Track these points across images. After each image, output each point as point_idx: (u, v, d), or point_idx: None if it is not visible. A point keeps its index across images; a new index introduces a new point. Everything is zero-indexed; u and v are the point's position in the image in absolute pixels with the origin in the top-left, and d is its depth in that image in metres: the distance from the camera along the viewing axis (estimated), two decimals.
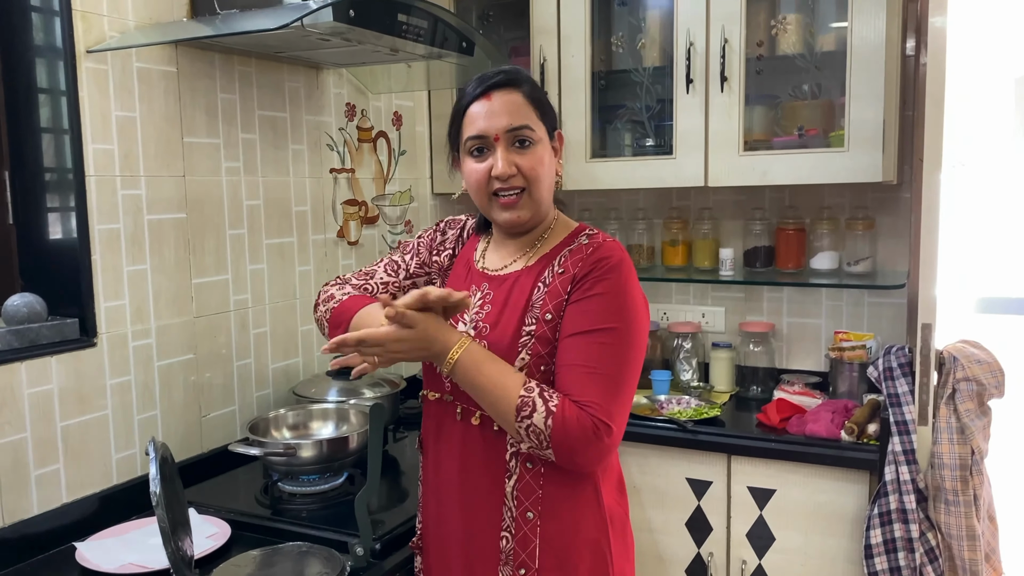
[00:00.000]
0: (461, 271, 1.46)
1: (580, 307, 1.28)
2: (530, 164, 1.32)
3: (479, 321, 1.36)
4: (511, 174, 1.31)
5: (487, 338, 1.33)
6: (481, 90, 1.33)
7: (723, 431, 2.16)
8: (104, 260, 1.71)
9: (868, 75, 2.11)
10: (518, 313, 1.32)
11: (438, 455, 1.40)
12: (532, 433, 1.23)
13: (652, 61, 2.47)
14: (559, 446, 1.22)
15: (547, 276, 1.34)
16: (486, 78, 1.35)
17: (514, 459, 1.31)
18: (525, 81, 1.36)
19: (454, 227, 1.55)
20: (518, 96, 1.33)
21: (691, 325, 2.59)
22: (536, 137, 1.33)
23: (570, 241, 1.38)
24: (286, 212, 2.19)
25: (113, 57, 1.71)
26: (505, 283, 1.38)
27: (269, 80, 2.12)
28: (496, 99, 1.32)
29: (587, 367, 1.25)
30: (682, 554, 2.19)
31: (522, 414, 1.22)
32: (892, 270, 2.41)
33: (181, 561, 1.33)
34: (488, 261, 1.44)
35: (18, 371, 1.55)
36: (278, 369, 2.18)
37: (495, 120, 1.31)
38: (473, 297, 1.39)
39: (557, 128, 1.41)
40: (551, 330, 1.30)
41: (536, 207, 1.36)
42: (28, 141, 1.70)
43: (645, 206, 2.72)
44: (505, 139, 1.32)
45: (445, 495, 1.39)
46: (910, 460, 1.86)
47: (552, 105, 1.41)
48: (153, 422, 1.83)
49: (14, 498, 1.55)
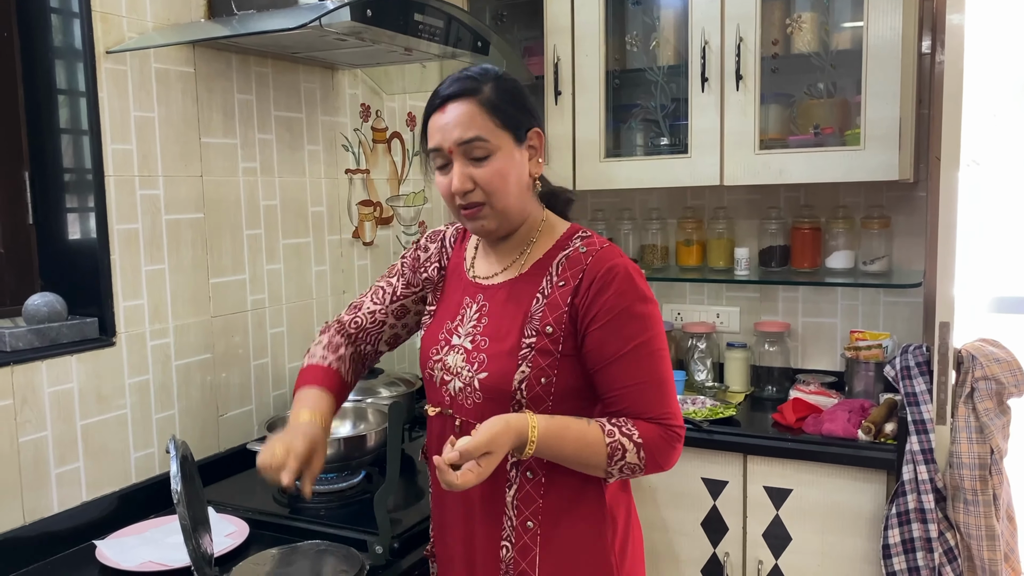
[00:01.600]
0: (455, 283, 1.43)
1: (610, 330, 1.26)
2: (487, 177, 1.27)
3: (476, 334, 1.33)
4: (466, 189, 1.28)
5: (486, 351, 1.31)
6: (438, 101, 1.29)
7: (739, 431, 2.15)
8: (123, 260, 1.72)
9: (884, 73, 2.10)
10: (517, 325, 1.30)
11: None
12: (626, 469, 1.25)
13: (667, 60, 2.47)
14: (650, 467, 1.26)
15: (545, 287, 1.31)
16: (446, 86, 1.30)
17: (514, 469, 1.31)
18: (487, 85, 1.28)
19: (435, 240, 1.51)
20: (472, 106, 1.26)
21: (705, 325, 2.58)
22: (492, 147, 1.27)
23: (563, 245, 1.34)
24: (302, 212, 2.20)
25: (132, 58, 1.72)
26: (500, 293, 1.35)
27: (285, 81, 2.13)
28: (449, 111, 1.27)
29: (644, 382, 1.26)
30: (698, 554, 2.18)
31: (614, 459, 1.24)
32: (908, 269, 2.40)
33: (202, 559, 1.34)
34: (479, 269, 1.41)
35: (39, 370, 1.56)
36: (295, 369, 2.18)
37: (448, 134, 1.27)
38: (468, 309, 1.37)
39: (533, 127, 1.33)
40: (552, 342, 1.27)
41: (501, 217, 1.31)
42: (48, 142, 1.71)
43: (659, 206, 2.72)
44: (459, 152, 1.27)
45: (449, 505, 1.38)
46: (928, 459, 1.85)
47: (526, 103, 1.33)
48: (171, 421, 1.84)
49: (35, 496, 1.56)
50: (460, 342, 1.34)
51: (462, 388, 1.32)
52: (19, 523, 1.53)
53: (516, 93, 1.32)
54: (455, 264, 1.46)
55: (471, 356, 1.32)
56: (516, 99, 1.31)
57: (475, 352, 1.31)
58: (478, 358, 1.31)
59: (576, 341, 1.28)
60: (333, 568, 1.42)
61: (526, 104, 1.33)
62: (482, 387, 1.29)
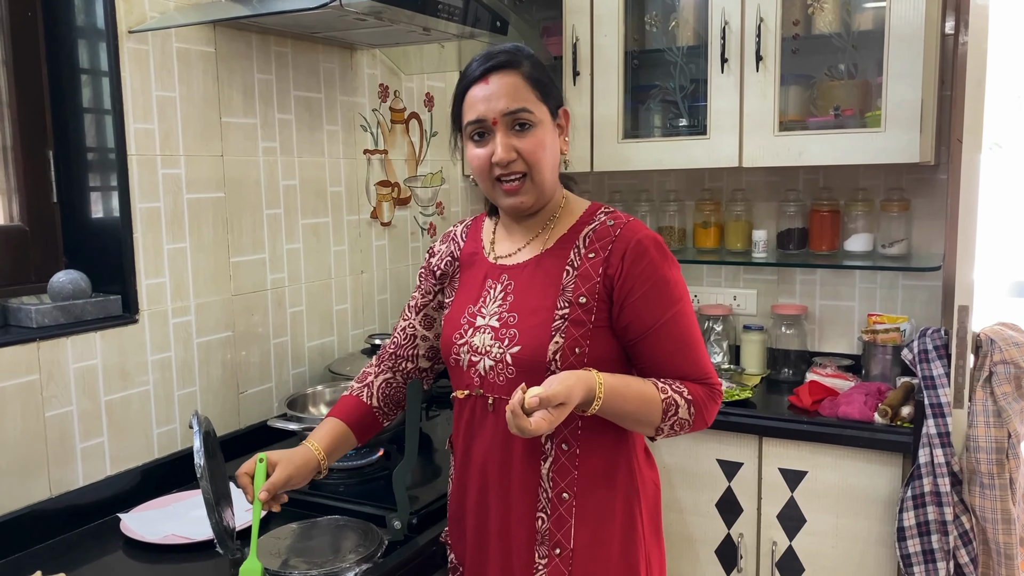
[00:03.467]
0: (473, 269, 1.44)
1: (648, 299, 1.29)
2: (530, 148, 1.30)
3: (502, 312, 1.35)
4: (511, 159, 1.29)
5: (516, 326, 1.32)
6: (480, 72, 1.31)
7: (754, 413, 2.16)
8: (145, 238, 1.74)
9: (906, 54, 2.08)
10: (548, 297, 1.32)
11: (470, 450, 1.40)
12: (676, 425, 1.30)
13: (686, 40, 2.45)
14: (696, 423, 1.32)
15: (574, 259, 1.33)
16: (484, 60, 1.31)
17: (549, 442, 1.32)
18: (525, 60, 1.32)
19: (445, 240, 1.53)
20: (516, 78, 1.30)
21: (722, 308, 2.58)
22: (536, 119, 1.30)
23: (588, 220, 1.37)
24: (321, 192, 2.22)
25: (153, 37, 1.73)
26: (525, 269, 1.37)
27: (304, 61, 2.14)
28: (494, 82, 1.29)
29: (683, 347, 1.32)
30: (712, 535, 2.20)
31: (668, 414, 1.28)
32: (927, 252, 2.39)
33: (224, 532, 1.36)
34: (499, 249, 1.43)
35: (64, 346, 1.59)
36: (314, 347, 2.21)
37: (493, 104, 1.29)
38: (492, 290, 1.39)
39: (562, 105, 1.37)
40: (585, 313, 1.30)
41: (539, 191, 1.34)
42: (71, 121, 1.73)
43: (677, 187, 2.71)
44: (504, 123, 1.29)
45: (480, 485, 1.39)
46: (945, 443, 1.85)
47: (555, 82, 1.38)
48: (192, 398, 1.86)
49: (61, 470, 1.59)
50: (486, 322, 1.36)
51: (493, 366, 1.33)
52: (46, 496, 1.56)
53: (547, 73, 1.37)
54: (470, 252, 1.47)
55: (500, 333, 1.33)
56: (548, 78, 1.36)
57: (504, 329, 1.33)
58: (508, 334, 1.32)
59: (609, 312, 1.31)
60: (352, 542, 1.44)
61: (554, 84, 1.38)
62: (515, 361, 1.31)
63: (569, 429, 1.31)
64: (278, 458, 1.35)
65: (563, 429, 1.31)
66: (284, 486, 1.33)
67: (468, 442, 1.40)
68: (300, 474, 1.36)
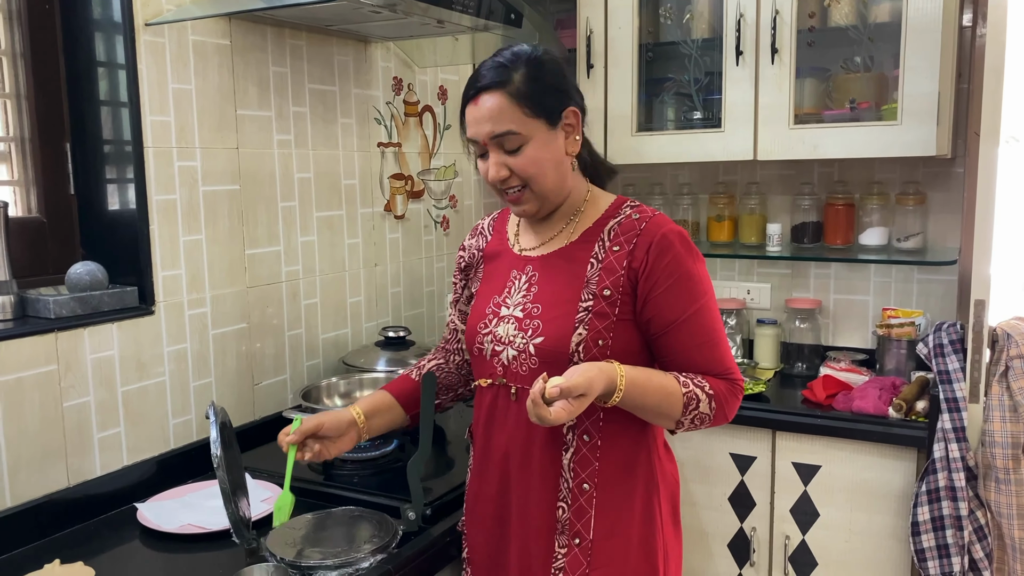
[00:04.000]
0: (498, 261, 1.46)
1: (672, 294, 1.29)
2: (521, 166, 1.30)
3: (526, 303, 1.36)
4: (503, 177, 1.32)
5: (539, 317, 1.33)
6: (471, 92, 1.32)
7: (768, 407, 2.15)
8: (161, 230, 1.75)
9: (923, 47, 2.07)
10: (573, 289, 1.33)
11: (490, 439, 1.41)
12: (697, 419, 1.30)
13: (701, 33, 2.45)
14: (718, 418, 1.32)
15: (599, 252, 1.34)
16: (475, 79, 1.32)
17: (571, 432, 1.33)
18: (518, 72, 1.29)
19: (473, 235, 1.56)
20: (502, 99, 1.28)
21: (736, 302, 2.58)
22: (524, 138, 1.29)
23: (613, 214, 1.37)
24: (335, 185, 2.22)
25: (170, 30, 1.74)
26: (550, 261, 1.38)
27: (319, 53, 2.14)
28: (482, 103, 1.30)
29: (706, 342, 1.32)
30: (725, 528, 2.20)
31: (689, 408, 1.29)
32: (943, 246, 2.38)
33: (241, 522, 1.37)
34: (524, 241, 1.44)
35: (82, 336, 1.60)
36: (328, 339, 2.21)
37: (481, 127, 1.31)
38: (517, 281, 1.40)
39: (568, 107, 1.33)
40: (609, 305, 1.30)
41: (542, 199, 1.35)
42: (88, 113, 1.74)
43: (690, 181, 2.70)
44: (492, 144, 1.31)
45: (500, 474, 1.40)
46: (960, 438, 1.84)
47: (561, 84, 1.33)
48: (208, 389, 1.87)
49: (79, 459, 1.61)
50: (510, 312, 1.37)
51: (516, 356, 1.34)
52: (64, 485, 1.58)
53: (550, 75, 1.32)
54: (495, 244, 1.49)
55: (523, 324, 1.34)
56: (549, 82, 1.32)
57: (527, 319, 1.34)
58: (531, 324, 1.33)
59: (633, 305, 1.31)
60: (367, 533, 1.45)
61: (560, 85, 1.34)
62: (538, 352, 1.32)
63: (591, 420, 1.32)
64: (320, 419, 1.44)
65: (585, 420, 1.32)
66: (313, 431, 1.41)
67: (489, 431, 1.41)
68: (333, 424, 1.44)
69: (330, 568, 1.33)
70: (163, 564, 1.44)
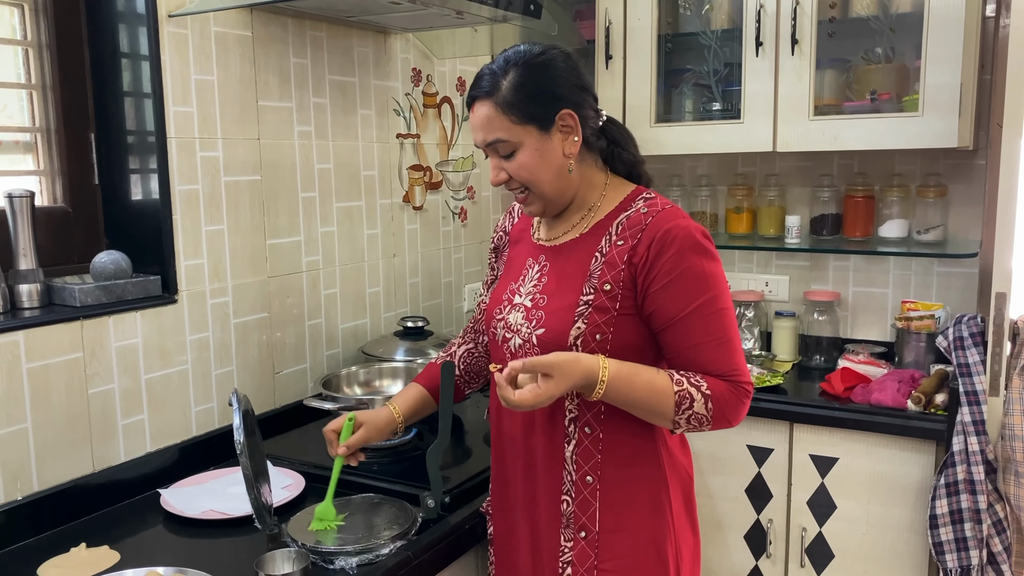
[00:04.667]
0: (520, 246, 1.49)
1: (672, 290, 1.26)
2: (514, 170, 1.33)
3: (536, 293, 1.37)
4: (502, 181, 1.36)
5: (544, 308, 1.34)
6: (468, 101, 1.36)
7: (785, 399, 2.15)
8: (184, 220, 1.77)
9: (946, 37, 2.05)
10: (576, 282, 1.33)
11: (501, 423, 1.44)
12: (693, 420, 1.26)
13: (720, 24, 2.44)
14: (718, 421, 1.28)
15: (604, 246, 1.33)
16: (472, 86, 1.35)
17: (572, 424, 1.34)
18: (505, 79, 1.29)
19: (504, 216, 1.60)
20: (490, 108, 1.30)
21: (754, 294, 2.57)
22: (514, 145, 1.31)
23: (626, 206, 1.36)
24: (355, 176, 2.23)
25: (192, 22, 1.76)
26: (561, 252, 1.39)
27: (339, 45, 2.15)
28: (475, 112, 1.33)
29: (710, 340, 1.27)
30: (741, 520, 2.20)
31: (682, 407, 1.25)
32: (964, 239, 2.36)
33: (263, 508, 1.39)
34: (543, 232, 1.46)
35: (107, 324, 1.62)
36: (347, 329, 2.23)
37: (476, 134, 1.35)
38: (531, 270, 1.41)
39: (561, 109, 1.30)
40: (610, 300, 1.30)
41: (545, 200, 1.36)
42: (112, 104, 1.76)
43: (709, 172, 2.70)
44: (489, 150, 1.35)
45: (510, 461, 1.42)
46: (979, 431, 1.84)
47: (552, 88, 1.30)
48: (229, 378, 1.90)
49: (103, 445, 1.63)
50: (521, 301, 1.39)
51: (522, 344, 1.36)
52: (89, 470, 1.61)
53: (542, 80, 1.30)
54: (520, 229, 1.51)
55: (530, 313, 1.35)
56: (539, 88, 1.30)
57: (534, 310, 1.35)
58: (536, 315, 1.34)
59: (636, 300, 1.30)
60: (387, 520, 1.47)
61: (552, 89, 1.31)
62: (540, 343, 1.33)
63: (592, 413, 1.32)
64: (364, 419, 1.51)
65: (586, 413, 1.32)
66: (362, 444, 1.49)
67: (499, 415, 1.44)
68: (380, 436, 1.53)
69: (350, 554, 1.35)
70: (186, 549, 1.46)
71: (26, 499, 1.50)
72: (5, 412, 1.47)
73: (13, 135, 1.70)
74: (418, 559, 1.40)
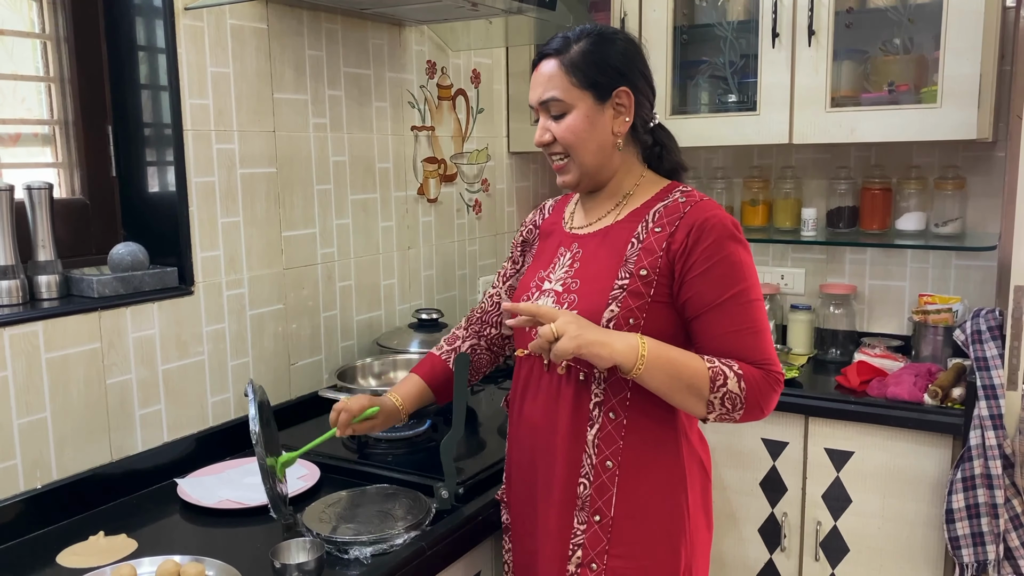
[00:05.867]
0: (550, 238, 1.50)
1: (709, 278, 1.28)
2: (560, 132, 1.36)
3: (567, 278, 1.38)
4: (545, 142, 1.38)
5: (576, 291, 1.35)
6: (536, 59, 1.39)
7: (801, 392, 2.14)
8: (200, 212, 1.78)
9: (965, 28, 2.03)
10: (611, 267, 1.34)
11: (523, 408, 1.44)
12: (727, 400, 1.26)
13: (736, 15, 2.42)
14: (752, 406, 1.28)
15: (641, 232, 1.34)
16: (541, 46, 1.39)
17: (597, 408, 1.34)
18: (577, 44, 1.34)
19: (537, 212, 1.61)
20: (556, 66, 1.34)
21: (770, 287, 2.56)
22: (567, 106, 1.34)
23: (663, 197, 1.38)
24: (370, 168, 2.24)
25: (208, 14, 1.76)
26: (595, 239, 1.40)
27: (354, 37, 2.15)
28: (540, 69, 1.37)
29: (744, 329, 1.28)
30: (756, 513, 2.19)
31: (716, 384, 1.25)
32: (983, 232, 2.34)
33: (278, 498, 1.40)
34: (575, 221, 1.47)
35: (124, 315, 1.64)
36: (362, 321, 2.24)
37: (535, 91, 1.38)
38: (563, 257, 1.42)
39: (620, 86, 1.34)
40: (645, 285, 1.31)
41: (581, 171, 1.38)
42: (129, 97, 1.77)
43: (724, 164, 2.68)
44: (541, 109, 1.38)
45: (528, 444, 1.42)
46: (997, 425, 1.82)
47: (618, 64, 1.35)
48: (245, 368, 1.91)
49: (121, 435, 1.65)
50: (551, 287, 1.40)
51: None
52: (107, 460, 1.62)
53: (612, 54, 1.36)
54: (551, 222, 1.53)
55: (561, 298, 1.36)
56: (607, 59, 1.35)
57: (565, 294, 1.36)
58: (568, 299, 1.35)
59: (671, 288, 1.31)
60: (401, 510, 1.47)
61: (620, 65, 1.36)
62: None
63: (618, 399, 1.33)
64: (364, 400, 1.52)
65: (612, 398, 1.33)
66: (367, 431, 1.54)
67: (522, 401, 1.44)
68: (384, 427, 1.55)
69: (365, 544, 1.36)
70: (202, 538, 1.48)
71: (45, 488, 1.51)
72: (25, 402, 1.48)
73: (32, 128, 1.71)
74: (432, 549, 1.40)
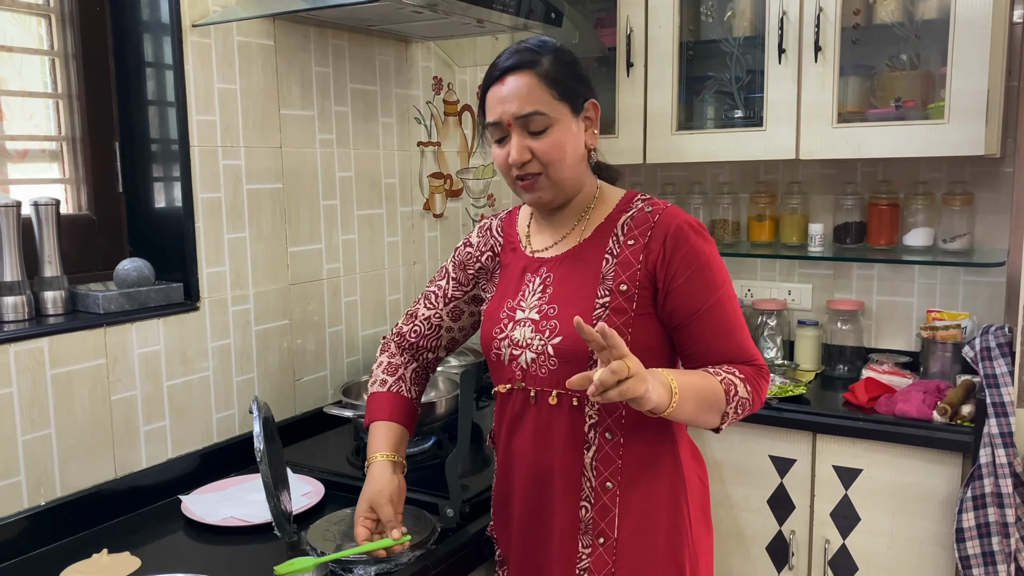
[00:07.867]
0: (511, 264, 1.44)
1: (693, 283, 1.28)
2: (545, 149, 1.29)
3: (542, 305, 1.34)
4: (524, 160, 1.29)
5: (556, 317, 1.32)
6: (497, 73, 1.30)
7: (808, 409, 2.13)
8: (206, 228, 1.78)
9: (972, 43, 2.03)
10: (588, 287, 1.32)
11: (511, 443, 1.40)
12: (740, 407, 1.28)
13: (743, 31, 2.42)
14: (755, 405, 1.31)
15: (613, 247, 1.33)
16: (504, 58, 1.31)
17: (593, 430, 1.32)
18: (547, 56, 1.29)
19: (481, 233, 1.52)
20: (531, 78, 1.27)
21: (776, 302, 2.55)
22: (550, 120, 1.28)
23: (624, 208, 1.36)
24: (376, 184, 2.24)
25: (216, 31, 1.77)
26: (564, 261, 1.36)
27: (361, 53, 2.16)
28: (509, 83, 1.28)
29: (728, 330, 1.31)
30: (763, 531, 2.17)
31: (731, 395, 1.26)
32: (991, 247, 2.33)
33: (283, 515, 1.39)
34: (536, 243, 1.42)
35: (129, 331, 1.64)
36: (367, 336, 2.24)
37: (507, 107, 1.28)
38: (531, 283, 1.38)
39: (589, 98, 1.34)
40: (626, 300, 1.29)
41: (557, 188, 1.33)
42: (136, 114, 1.78)
43: (731, 180, 2.68)
44: (517, 125, 1.29)
45: (524, 478, 1.39)
46: (1007, 443, 1.81)
47: (583, 74, 1.33)
48: (250, 384, 1.91)
49: (125, 451, 1.64)
50: (525, 315, 1.35)
51: (535, 358, 1.33)
52: (111, 476, 1.62)
53: (574, 64, 1.34)
54: (508, 247, 1.46)
55: (540, 326, 1.33)
56: (574, 70, 1.33)
57: (544, 321, 1.33)
58: (548, 325, 1.32)
59: (652, 299, 1.30)
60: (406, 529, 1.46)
61: (583, 75, 1.35)
62: (557, 352, 1.30)
63: (613, 418, 1.31)
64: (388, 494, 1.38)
65: (607, 418, 1.31)
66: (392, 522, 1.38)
67: (510, 436, 1.40)
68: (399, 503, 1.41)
69: (369, 563, 1.35)
70: (206, 555, 1.47)
71: (49, 504, 1.51)
72: (29, 418, 1.48)
73: (39, 144, 1.72)
74: (436, 568, 1.39)
